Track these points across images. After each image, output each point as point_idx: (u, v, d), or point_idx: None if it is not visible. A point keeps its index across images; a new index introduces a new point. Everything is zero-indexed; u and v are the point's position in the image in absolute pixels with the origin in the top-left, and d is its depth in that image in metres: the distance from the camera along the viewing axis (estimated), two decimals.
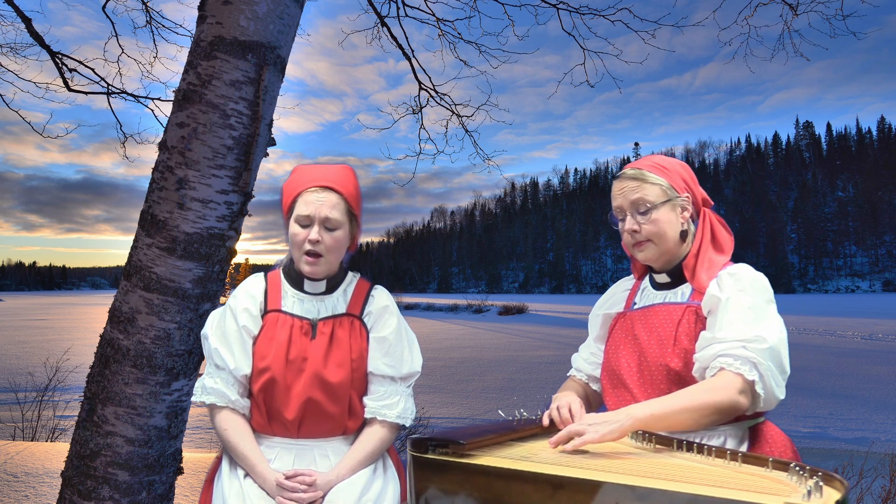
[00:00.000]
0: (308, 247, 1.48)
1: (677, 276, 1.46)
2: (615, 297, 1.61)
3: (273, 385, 1.44)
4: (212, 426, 1.52)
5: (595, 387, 1.61)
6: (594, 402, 1.63)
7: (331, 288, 1.57)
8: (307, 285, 1.56)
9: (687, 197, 1.45)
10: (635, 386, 1.40)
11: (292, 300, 1.54)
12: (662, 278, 1.48)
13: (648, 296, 1.51)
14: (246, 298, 1.54)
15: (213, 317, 1.56)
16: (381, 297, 1.60)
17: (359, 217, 1.56)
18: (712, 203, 1.52)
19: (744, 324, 1.27)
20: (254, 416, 1.48)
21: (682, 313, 1.39)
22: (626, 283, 1.63)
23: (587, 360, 1.64)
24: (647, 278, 1.56)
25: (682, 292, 1.44)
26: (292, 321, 1.50)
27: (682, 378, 1.34)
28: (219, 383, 1.47)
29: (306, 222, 1.48)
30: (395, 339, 1.54)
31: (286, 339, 1.47)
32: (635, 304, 1.53)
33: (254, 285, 1.57)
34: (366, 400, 1.51)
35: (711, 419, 1.23)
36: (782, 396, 1.28)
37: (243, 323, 1.50)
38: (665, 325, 1.40)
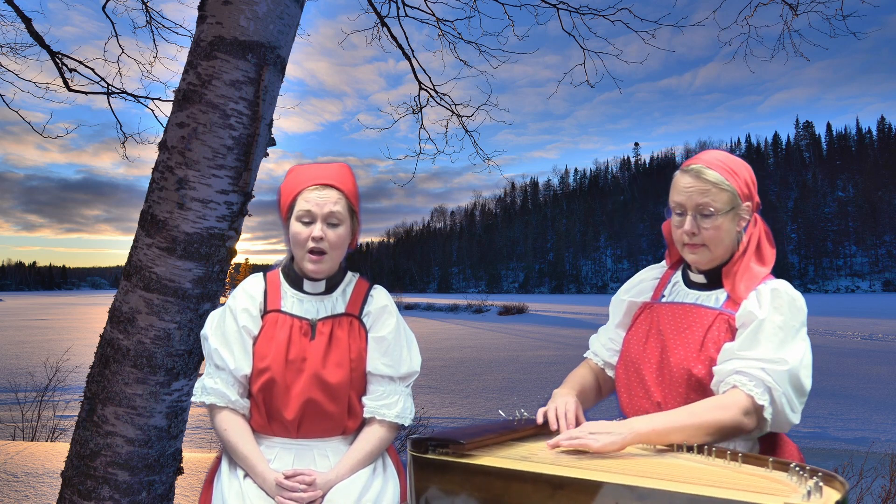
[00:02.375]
0: (311, 244, 1.48)
1: (714, 279, 1.39)
2: (643, 284, 1.54)
3: (273, 385, 1.44)
4: (212, 426, 1.52)
5: (610, 373, 1.56)
6: (605, 389, 1.58)
7: (330, 288, 1.57)
8: (306, 285, 1.56)
9: (748, 206, 1.37)
10: (653, 383, 1.36)
11: (291, 300, 1.54)
12: (698, 278, 1.42)
13: (679, 292, 1.45)
14: (245, 299, 1.54)
15: (213, 317, 1.56)
16: (380, 297, 1.59)
17: (358, 214, 1.57)
18: (761, 206, 1.45)
19: (769, 344, 1.23)
20: (253, 417, 1.48)
21: (713, 319, 1.33)
22: (655, 271, 1.56)
23: (605, 346, 1.58)
24: (679, 272, 1.49)
25: (717, 297, 1.37)
26: (292, 321, 1.50)
27: (702, 385, 1.29)
28: (219, 383, 1.47)
29: (309, 220, 1.48)
30: (393, 338, 1.54)
31: (286, 340, 1.47)
32: (663, 296, 1.47)
33: (253, 285, 1.57)
34: (365, 400, 1.51)
35: (714, 437, 1.20)
36: (796, 421, 1.23)
37: (243, 323, 1.50)
38: (694, 329, 1.34)
